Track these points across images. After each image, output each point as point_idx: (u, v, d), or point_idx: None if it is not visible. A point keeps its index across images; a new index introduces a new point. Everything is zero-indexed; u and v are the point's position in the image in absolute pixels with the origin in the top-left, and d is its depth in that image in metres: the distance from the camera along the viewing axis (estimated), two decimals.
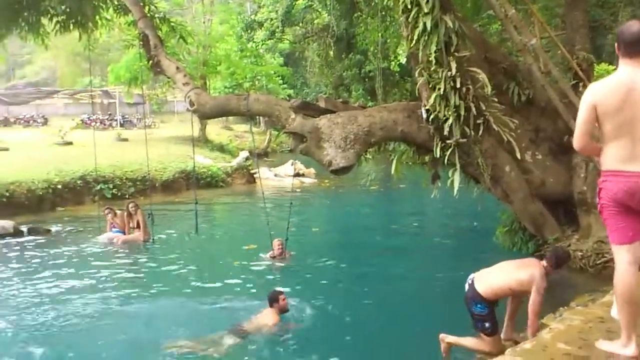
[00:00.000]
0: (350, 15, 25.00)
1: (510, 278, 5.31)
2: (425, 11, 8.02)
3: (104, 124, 37.28)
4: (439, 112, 8.37)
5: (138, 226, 12.66)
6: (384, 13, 17.54)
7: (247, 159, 25.29)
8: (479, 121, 8.30)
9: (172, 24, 13.98)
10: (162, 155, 22.35)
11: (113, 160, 20.00)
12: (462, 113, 8.18)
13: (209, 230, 13.83)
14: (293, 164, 24.57)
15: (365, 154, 9.90)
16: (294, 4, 28.64)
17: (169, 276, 10.06)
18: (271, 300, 7.42)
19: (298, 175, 24.15)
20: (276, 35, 31.24)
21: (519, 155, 8.60)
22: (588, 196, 8.44)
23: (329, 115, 9.03)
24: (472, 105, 8.22)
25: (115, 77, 30.34)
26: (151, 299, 8.79)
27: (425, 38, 8.16)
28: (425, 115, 8.69)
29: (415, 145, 9.45)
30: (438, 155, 8.67)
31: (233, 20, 35.21)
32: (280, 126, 9.92)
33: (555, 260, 5.28)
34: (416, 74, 8.94)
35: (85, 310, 8.20)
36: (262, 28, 31.77)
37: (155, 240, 12.42)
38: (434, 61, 8.25)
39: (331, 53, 30.50)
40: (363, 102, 16.21)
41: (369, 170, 16.29)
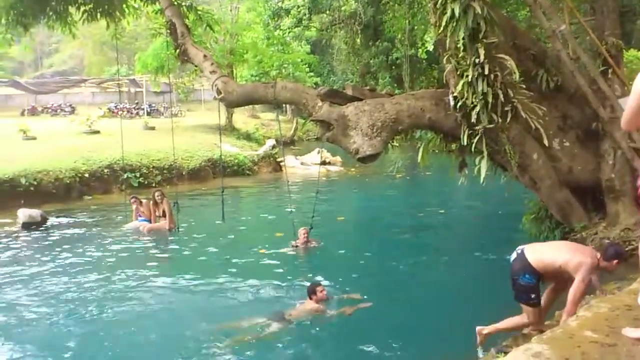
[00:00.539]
0: (378, 2, 24.85)
1: (561, 256, 5.26)
2: None
3: (131, 113, 37.63)
4: (466, 100, 8.32)
5: (164, 215, 12.84)
6: (411, 0, 17.41)
7: (274, 147, 25.39)
8: (506, 108, 8.22)
9: (199, 12, 14.01)
10: (189, 144, 22.54)
11: (140, 149, 20.21)
12: (490, 100, 8.12)
13: (235, 218, 13.94)
14: (319, 152, 24.61)
15: (392, 142, 9.88)
16: None
17: (195, 264, 10.22)
18: (309, 292, 7.60)
19: (324, 163, 24.19)
20: (303, 22, 31.15)
21: (546, 143, 8.51)
22: (616, 183, 8.34)
23: (356, 102, 9.02)
24: (500, 92, 8.14)
25: (142, 66, 30.60)
26: (177, 287, 8.94)
27: (453, 25, 8.09)
28: (452, 103, 8.63)
29: (442, 132, 9.41)
30: (465, 143, 8.63)
31: (260, 8, 35.22)
32: (307, 114, 9.94)
33: (605, 252, 5.24)
34: (444, 61, 8.88)
35: (115, 299, 8.38)
36: (289, 15, 31.69)
37: (181, 228, 12.54)
38: (462, 48, 8.18)
39: (358, 40, 30.33)
40: (390, 90, 16.15)
41: (396, 158, 16.22)
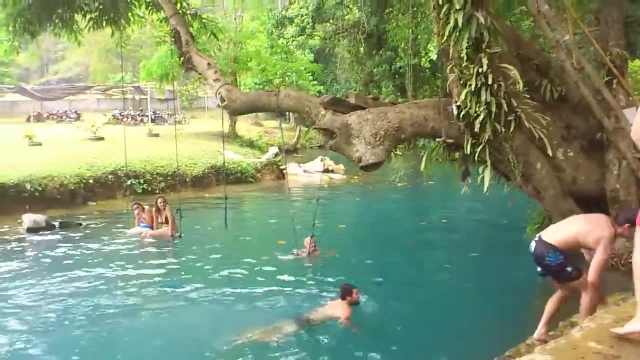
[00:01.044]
0: (381, 12, 24.91)
1: (578, 230, 5.24)
2: (457, 7, 7.96)
3: (136, 120, 37.76)
4: (470, 109, 8.32)
5: (167, 222, 12.85)
6: (415, 9, 17.45)
7: (277, 155, 25.42)
8: (510, 118, 8.22)
9: (204, 21, 14.08)
10: (193, 151, 22.60)
11: (144, 156, 20.27)
12: (494, 110, 8.11)
13: (238, 226, 13.96)
14: (322, 160, 24.64)
15: (395, 151, 9.89)
16: (325, 0, 28.66)
17: (198, 271, 10.18)
18: (345, 293, 7.56)
19: (327, 171, 24.21)
20: (307, 31, 31.29)
21: (550, 153, 8.51)
22: (621, 194, 8.31)
23: (359, 111, 9.04)
24: (504, 102, 8.14)
25: (147, 74, 30.67)
26: (179, 293, 8.91)
27: (457, 34, 8.10)
28: (456, 112, 8.63)
29: (445, 142, 9.41)
30: (469, 152, 8.62)
31: (264, 17, 35.37)
32: (310, 122, 9.96)
33: (617, 219, 5.18)
34: (447, 71, 8.88)
35: (115, 305, 8.34)
36: (293, 24, 31.84)
37: (184, 236, 12.49)
38: (466, 58, 8.19)
39: (362, 50, 30.48)
40: (393, 99, 16.16)
41: (399, 167, 16.22)
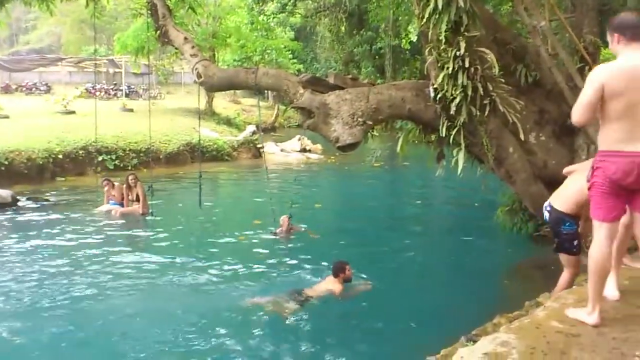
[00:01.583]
0: None
1: (582, 184, 5.10)
2: None
3: (109, 94, 37.12)
4: (446, 92, 8.38)
5: (137, 199, 12.62)
6: None
7: (254, 133, 25.32)
8: (485, 101, 8.31)
9: None
10: (168, 127, 22.41)
11: (117, 131, 20.01)
12: (470, 93, 8.19)
13: (212, 204, 13.85)
14: (300, 140, 24.63)
15: (372, 132, 9.95)
16: None
17: (169, 250, 10.01)
18: (337, 270, 7.58)
19: (305, 150, 24.24)
20: (287, 8, 30.99)
21: (523, 137, 8.62)
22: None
23: (337, 91, 9.06)
24: (480, 85, 8.21)
25: (121, 46, 30.16)
26: (147, 274, 8.74)
27: (436, 17, 8.14)
28: (433, 94, 8.70)
29: (421, 123, 9.49)
30: (444, 135, 8.71)
31: None
32: (289, 101, 9.94)
33: None
34: (426, 53, 8.94)
35: (83, 285, 8.17)
36: (274, 1, 31.55)
37: (155, 213, 12.31)
38: (444, 40, 8.23)
39: (342, 29, 30.30)
40: (372, 79, 16.21)
41: (375, 148, 16.30)
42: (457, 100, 8.26)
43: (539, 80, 9.12)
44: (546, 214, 5.53)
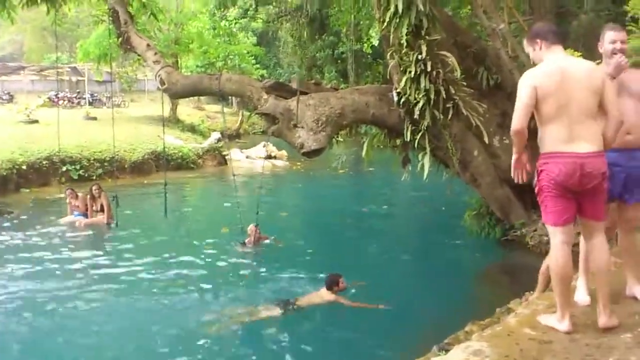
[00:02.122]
0: None
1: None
2: None
3: (72, 102, 36.46)
4: (409, 95, 8.41)
5: (102, 209, 12.41)
6: None
7: (219, 140, 25.10)
8: (448, 105, 8.35)
9: (143, 0, 13.72)
10: (132, 136, 22.05)
11: (81, 140, 19.57)
12: (432, 96, 8.23)
13: (178, 213, 13.66)
14: (265, 146, 24.47)
15: (337, 137, 9.91)
16: None
17: (133, 262, 9.76)
18: (331, 283, 7.49)
19: (270, 157, 24.08)
20: (249, 13, 30.95)
21: (487, 140, 8.68)
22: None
23: (301, 96, 9.00)
24: (442, 89, 8.26)
25: (84, 54, 29.61)
26: (112, 286, 8.51)
27: (397, 21, 8.17)
28: (396, 98, 8.71)
29: (386, 128, 9.49)
30: (408, 139, 8.73)
31: None
32: (253, 107, 9.87)
33: None
34: (388, 57, 8.94)
35: (46, 298, 7.96)
36: (236, 6, 31.38)
37: (120, 224, 12.02)
38: (405, 44, 8.26)
39: (304, 33, 30.32)
40: (335, 84, 16.19)
41: (340, 153, 16.25)
42: (421, 104, 8.29)
43: (500, 82, 9.20)
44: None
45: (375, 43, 24.45)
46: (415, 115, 8.43)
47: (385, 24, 8.33)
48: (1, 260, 9.81)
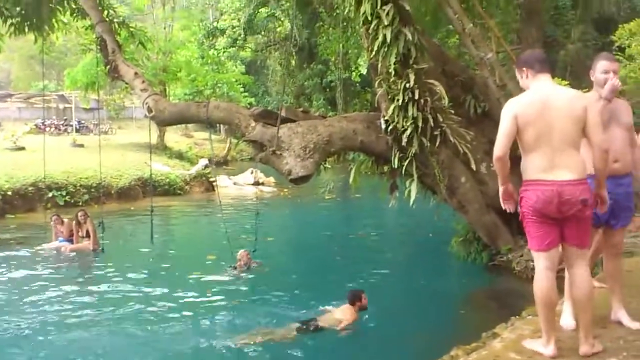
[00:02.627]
0: (312, 25, 25.16)
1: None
2: (385, 23, 8.13)
3: (59, 129, 36.36)
4: (397, 123, 8.48)
5: (88, 235, 12.31)
6: (345, 24, 17.64)
7: (207, 166, 25.08)
8: (436, 132, 8.43)
9: (131, 29, 13.82)
10: (119, 162, 22.01)
11: (67, 167, 19.52)
12: (420, 124, 8.31)
13: (165, 239, 13.60)
14: (253, 173, 24.49)
15: (325, 164, 9.95)
16: (256, 12, 28.66)
17: (118, 288, 9.63)
18: (353, 298, 7.43)
19: (258, 184, 24.10)
20: (238, 43, 31.17)
21: (474, 167, 8.75)
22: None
23: (289, 124, 9.06)
24: (430, 116, 8.34)
25: (71, 82, 29.68)
26: (97, 313, 8.31)
27: (385, 50, 8.27)
28: (384, 126, 8.79)
29: (374, 155, 9.54)
30: (396, 166, 8.78)
31: (195, 27, 34.99)
32: (240, 134, 9.90)
33: None
34: (376, 85, 9.04)
35: (29, 326, 7.76)
36: (224, 35, 31.64)
37: (106, 250, 11.89)
38: (393, 73, 8.36)
39: (293, 62, 30.62)
40: (324, 112, 16.32)
41: (328, 180, 16.27)
42: (408, 131, 8.36)
43: (488, 111, 9.30)
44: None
45: (364, 71, 24.74)
46: (403, 143, 8.50)
47: (374, 52, 8.43)
48: None
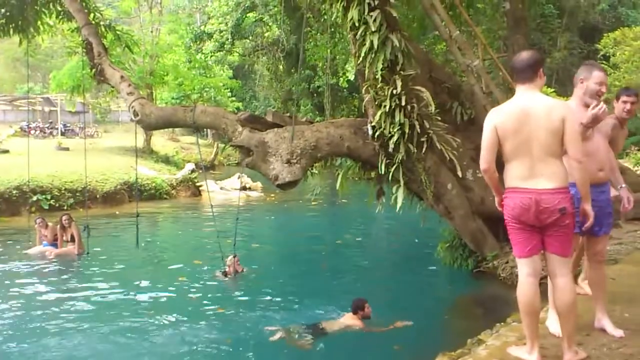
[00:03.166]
0: (300, 31, 25.10)
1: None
2: (373, 29, 8.16)
3: (44, 132, 36.18)
4: (384, 129, 8.51)
5: (72, 239, 12.21)
6: (333, 29, 17.73)
7: (193, 171, 25.02)
8: (422, 139, 8.46)
9: (118, 32, 13.76)
10: (105, 166, 21.90)
11: (52, 170, 19.37)
12: (407, 130, 8.33)
13: (151, 244, 13.49)
14: (239, 178, 24.45)
15: (312, 169, 9.94)
16: (244, 17, 28.66)
17: (103, 293, 9.53)
18: (356, 307, 7.40)
19: (244, 188, 24.04)
20: (225, 47, 31.11)
21: (460, 174, 8.78)
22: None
23: (276, 129, 9.06)
24: (417, 123, 8.38)
25: (57, 85, 29.48)
26: (81, 318, 8.21)
27: (372, 56, 8.30)
28: (370, 132, 8.81)
29: (360, 161, 9.55)
30: (383, 172, 8.80)
31: (182, 31, 34.93)
32: (227, 139, 9.88)
33: None
34: (363, 91, 9.06)
35: (12, 330, 7.68)
36: (212, 40, 31.58)
37: (90, 254, 11.83)
38: (380, 79, 8.39)
39: (280, 67, 30.66)
40: (311, 117, 16.33)
41: (315, 185, 16.28)
42: (395, 137, 8.39)
43: (474, 117, 9.34)
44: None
45: (351, 77, 24.74)
46: (390, 149, 8.53)
47: (361, 59, 8.46)
48: None
